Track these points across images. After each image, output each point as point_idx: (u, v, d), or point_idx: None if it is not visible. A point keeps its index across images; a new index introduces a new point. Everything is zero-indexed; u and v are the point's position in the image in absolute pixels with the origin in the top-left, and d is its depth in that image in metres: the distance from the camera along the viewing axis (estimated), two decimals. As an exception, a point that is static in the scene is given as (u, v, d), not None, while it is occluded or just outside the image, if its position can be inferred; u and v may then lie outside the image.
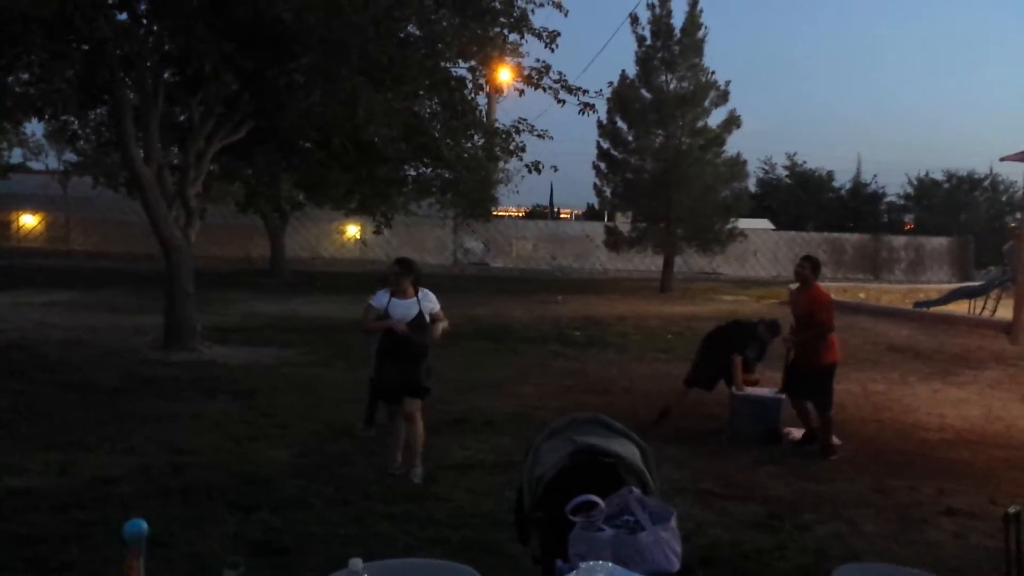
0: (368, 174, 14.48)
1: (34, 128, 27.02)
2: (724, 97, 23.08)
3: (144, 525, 2.72)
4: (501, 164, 17.96)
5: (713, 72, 23.14)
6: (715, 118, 23.32)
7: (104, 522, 4.41)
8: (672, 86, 23.20)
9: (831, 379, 6.90)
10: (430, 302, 5.75)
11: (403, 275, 5.71)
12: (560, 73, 11.06)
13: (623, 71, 23.38)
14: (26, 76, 10.15)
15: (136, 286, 18.73)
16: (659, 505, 2.36)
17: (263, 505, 4.88)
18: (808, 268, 6.96)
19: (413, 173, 15.64)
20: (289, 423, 7.07)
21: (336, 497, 5.11)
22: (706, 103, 23.19)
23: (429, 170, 14.79)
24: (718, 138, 23.30)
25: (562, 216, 47.32)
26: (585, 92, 11.22)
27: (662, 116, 23.06)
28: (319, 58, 9.36)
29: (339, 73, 9.32)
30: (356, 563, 2.11)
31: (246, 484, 5.31)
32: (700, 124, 23.38)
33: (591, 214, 41.01)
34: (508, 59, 11.68)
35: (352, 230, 30.91)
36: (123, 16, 9.45)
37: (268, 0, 8.34)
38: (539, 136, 12.19)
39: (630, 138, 23.85)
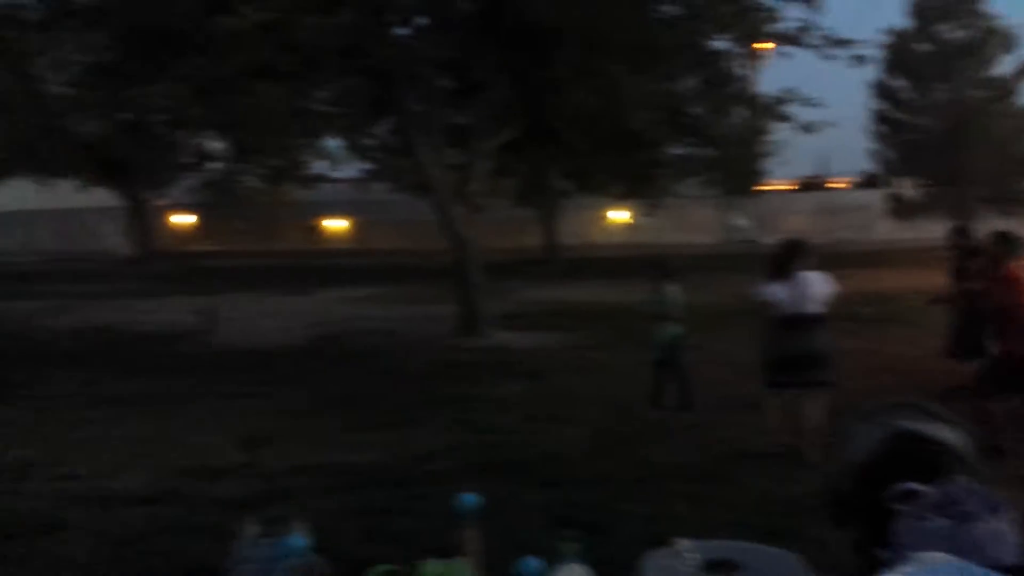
0: (632, 159, 14.62)
1: (333, 142, 29.92)
2: (1013, 43, 20.76)
3: (476, 499, 3.03)
4: (767, 136, 17.37)
5: (998, 18, 20.89)
6: (1004, 67, 21.05)
7: (430, 496, 4.91)
8: (953, 36, 21.18)
9: None
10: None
11: (793, 257, 5.66)
12: (825, 29, 10.53)
13: (894, 26, 21.71)
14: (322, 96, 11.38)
15: (429, 279, 20.25)
16: (992, 494, 2.25)
17: (565, 482, 5.18)
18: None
19: (677, 153, 15.54)
20: (581, 404, 7.40)
21: (633, 476, 5.30)
22: (992, 51, 20.95)
23: (692, 150, 14.63)
24: (1009, 88, 20.95)
25: (834, 186, 44.42)
26: (854, 44, 10.59)
27: (945, 69, 21.11)
28: (581, 54, 9.61)
29: (602, 66, 9.53)
30: (683, 543, 2.20)
31: (549, 461, 5.66)
32: (987, 75, 21.15)
33: (866, 182, 38.18)
34: (768, 25, 11.27)
35: (617, 215, 31.22)
36: (403, 31, 10.33)
37: (530, 3, 8.70)
38: (806, 105, 11.62)
39: (910, 96, 22.06)
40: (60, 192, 31.29)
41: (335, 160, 32.58)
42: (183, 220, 38.36)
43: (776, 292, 5.62)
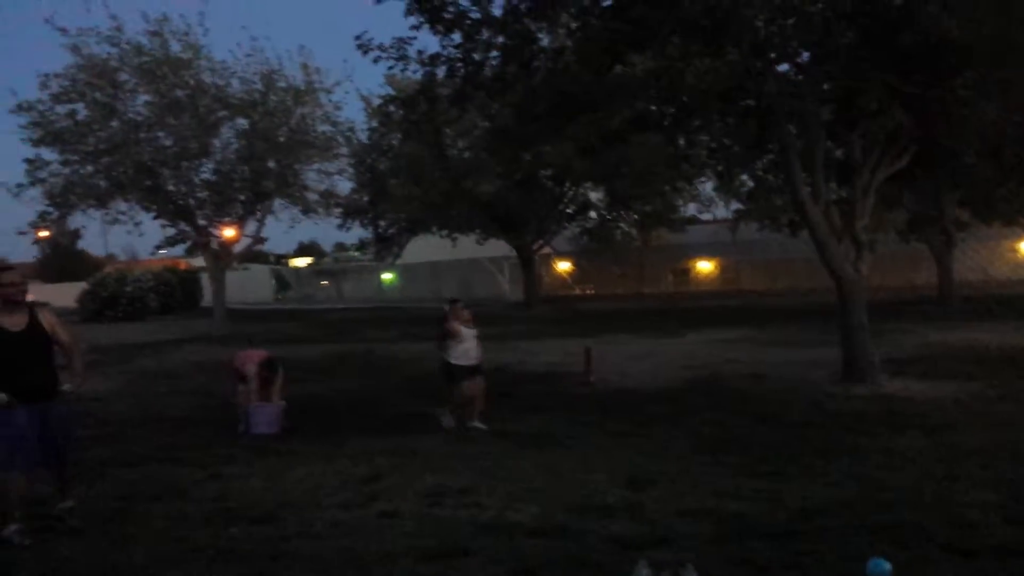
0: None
1: (704, 184, 30.14)
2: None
3: (887, 566, 2.80)
4: None
5: None
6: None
7: (819, 553, 4.65)
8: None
9: None
10: None
11: None
12: None
13: None
14: (704, 139, 11.52)
15: (804, 320, 19.42)
16: None
17: (980, 552, 4.59)
18: None
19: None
20: (989, 463, 6.54)
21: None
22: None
23: None
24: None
25: None
26: None
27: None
28: (990, 68, 8.67)
29: (1015, 81, 8.50)
30: None
31: (954, 526, 5.06)
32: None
33: None
34: None
35: (1029, 247, 27.39)
36: (785, 68, 10.12)
37: (933, 20, 8.04)
38: None
39: None
40: (462, 244, 35.14)
41: (705, 202, 32.98)
42: (565, 267, 40.93)
43: None
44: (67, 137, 23.87)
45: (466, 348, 8.95)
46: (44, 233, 39.27)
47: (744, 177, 14.55)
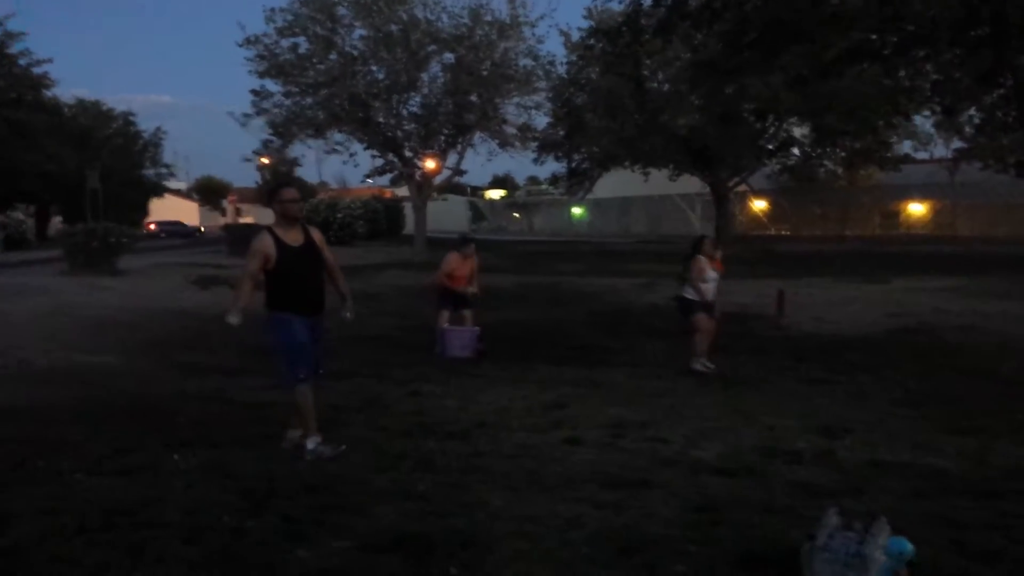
0: None
1: (922, 120, 27.92)
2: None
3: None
4: None
5: None
6: None
7: (1022, 515, 4.36)
8: None
9: None
10: None
11: None
12: None
13: None
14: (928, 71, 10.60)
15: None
16: None
17: None
18: None
19: None
20: None
21: None
22: None
23: None
24: None
25: None
26: None
27: None
28: None
29: None
30: None
31: None
32: None
33: None
34: None
35: None
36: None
37: None
38: None
39: None
40: (653, 180, 34.65)
41: (922, 140, 30.50)
42: (761, 205, 39.42)
43: None
44: (289, 69, 25.48)
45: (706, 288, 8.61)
46: (266, 160, 42.36)
47: (972, 112, 13.24)
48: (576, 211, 48.28)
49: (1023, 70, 9.71)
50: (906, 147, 31.79)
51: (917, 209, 34.26)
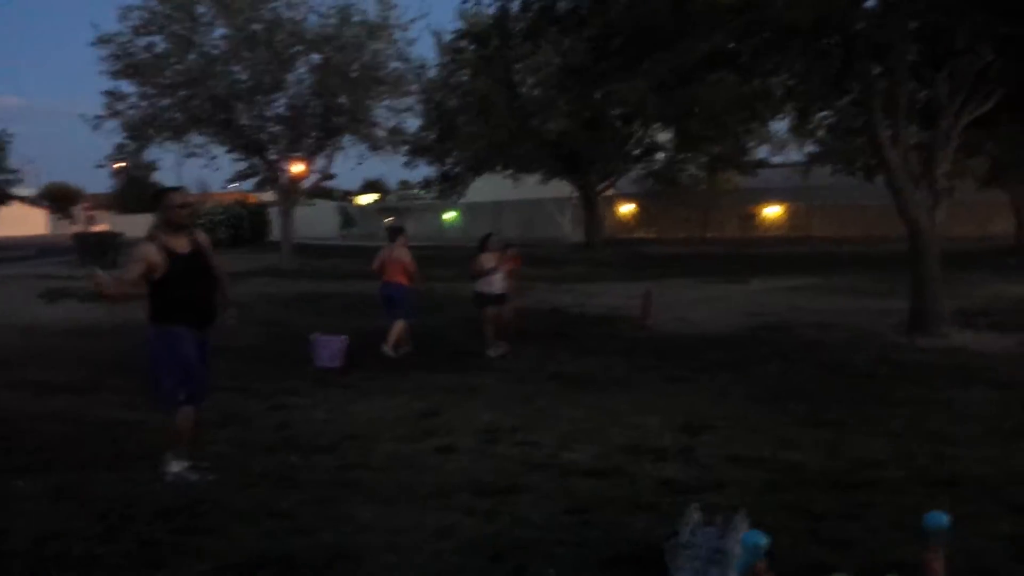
0: None
1: (777, 125, 29.35)
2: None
3: (945, 519, 2.75)
4: None
5: None
6: None
7: (878, 505, 4.59)
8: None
9: None
10: None
11: None
12: None
13: None
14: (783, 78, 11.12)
15: (875, 269, 18.93)
16: None
17: (1041, 510, 4.48)
18: None
19: None
20: (1061, 420, 6.35)
21: None
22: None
23: None
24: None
25: None
26: None
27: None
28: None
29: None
30: None
31: (1018, 483, 4.94)
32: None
33: None
34: None
35: None
36: (871, 4, 9.66)
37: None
38: None
39: None
40: (526, 184, 34.96)
41: (777, 144, 32.06)
42: (627, 209, 40.47)
43: None
44: (145, 70, 24.28)
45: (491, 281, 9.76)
46: (121, 165, 40.26)
47: (823, 114, 14.02)
48: (448, 215, 48.21)
49: (869, 77, 10.31)
50: (763, 152, 33.36)
51: (774, 211, 36.01)
